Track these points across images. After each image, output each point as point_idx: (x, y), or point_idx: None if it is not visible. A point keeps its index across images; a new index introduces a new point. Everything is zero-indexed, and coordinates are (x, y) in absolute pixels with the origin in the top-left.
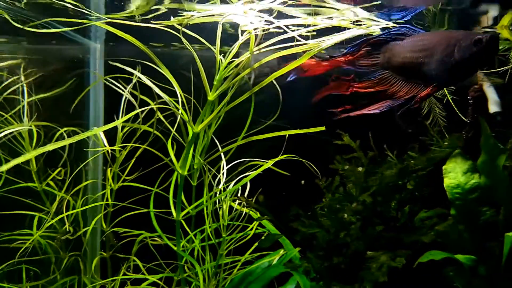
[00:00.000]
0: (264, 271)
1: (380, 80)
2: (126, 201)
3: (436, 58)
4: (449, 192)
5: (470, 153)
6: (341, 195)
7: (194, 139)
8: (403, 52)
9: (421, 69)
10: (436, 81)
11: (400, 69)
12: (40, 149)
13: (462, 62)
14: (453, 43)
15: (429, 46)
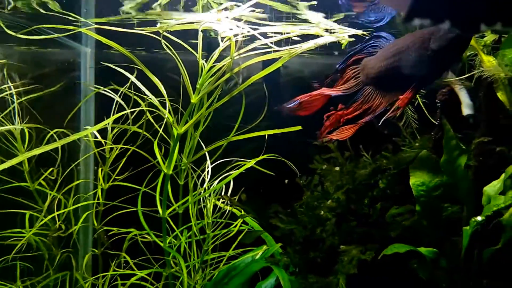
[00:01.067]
0: (247, 265)
1: (364, 98)
2: (117, 200)
3: (412, 58)
4: (415, 190)
5: (438, 153)
6: (319, 193)
7: (179, 140)
8: (378, 62)
9: (398, 73)
10: (414, 81)
11: (379, 81)
12: (34, 151)
13: (440, 51)
14: (427, 37)
15: (402, 48)
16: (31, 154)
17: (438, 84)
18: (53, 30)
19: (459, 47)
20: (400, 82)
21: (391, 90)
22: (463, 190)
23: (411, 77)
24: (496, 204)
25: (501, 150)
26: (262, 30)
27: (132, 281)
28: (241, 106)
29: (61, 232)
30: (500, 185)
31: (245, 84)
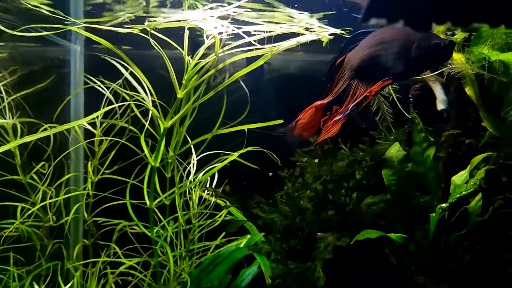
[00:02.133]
0: (230, 253)
1: (353, 92)
2: (106, 192)
3: (393, 51)
4: (386, 179)
5: (411, 145)
6: (299, 184)
7: (166, 135)
8: (361, 52)
9: (379, 62)
10: (391, 73)
11: (362, 71)
12: (22, 139)
13: (417, 60)
14: (412, 40)
15: (387, 39)
16: (19, 143)
17: (412, 80)
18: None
19: (434, 64)
20: (380, 72)
21: (373, 80)
22: (431, 179)
23: (388, 68)
24: (459, 192)
25: (470, 142)
26: (246, 29)
27: (121, 270)
28: (229, 103)
29: (52, 223)
30: (467, 175)
31: (229, 80)
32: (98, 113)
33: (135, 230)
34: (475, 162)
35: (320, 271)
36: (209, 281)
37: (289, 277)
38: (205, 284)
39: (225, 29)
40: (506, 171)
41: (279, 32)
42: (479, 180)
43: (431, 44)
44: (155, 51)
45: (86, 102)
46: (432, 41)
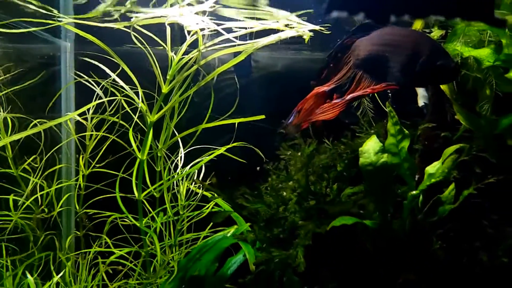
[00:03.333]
0: (216, 242)
1: (356, 83)
2: (97, 185)
3: (401, 58)
4: (363, 170)
5: None
6: (283, 176)
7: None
8: (369, 44)
9: (385, 62)
10: (395, 78)
11: (368, 63)
12: (14, 135)
13: (422, 76)
14: (421, 51)
15: (396, 43)
16: (12, 139)
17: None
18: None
19: (434, 83)
20: (385, 73)
21: (376, 77)
22: (405, 169)
23: (393, 74)
24: (429, 180)
25: (446, 135)
26: (227, 25)
27: (111, 260)
28: (220, 99)
29: (44, 214)
30: (440, 165)
31: (212, 74)
32: (85, 108)
33: (125, 222)
34: (447, 153)
35: (301, 257)
36: (197, 269)
37: (272, 264)
38: (193, 272)
39: (206, 25)
40: (479, 162)
41: (260, 28)
42: (447, 169)
43: (438, 65)
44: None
45: (77, 98)
46: (439, 62)
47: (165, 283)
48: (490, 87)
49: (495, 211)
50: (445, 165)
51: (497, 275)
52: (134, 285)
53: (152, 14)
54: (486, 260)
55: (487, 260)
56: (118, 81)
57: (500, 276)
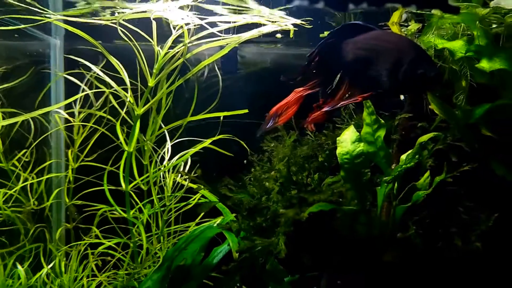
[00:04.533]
0: (201, 232)
1: (339, 86)
2: (86, 178)
3: (382, 65)
4: (340, 158)
5: None
6: (266, 167)
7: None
8: (354, 48)
9: (368, 67)
10: (376, 85)
11: (352, 67)
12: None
13: (403, 85)
14: (403, 59)
15: (381, 49)
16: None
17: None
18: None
19: (425, 86)
20: (368, 79)
21: (360, 83)
22: (381, 158)
23: (376, 81)
24: (400, 166)
25: (422, 125)
26: (212, 19)
27: (100, 250)
28: (210, 96)
29: (34, 207)
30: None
31: (196, 68)
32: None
33: (115, 215)
34: (421, 141)
35: (282, 245)
36: (183, 259)
37: (255, 251)
38: (179, 262)
39: (191, 20)
40: (455, 151)
41: (243, 22)
42: (417, 155)
43: (418, 73)
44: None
45: (67, 95)
46: (419, 70)
47: (152, 272)
48: (465, 78)
49: (470, 198)
50: (415, 151)
51: (471, 259)
52: (122, 275)
53: (137, 9)
54: (461, 245)
55: (461, 244)
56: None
57: (474, 260)
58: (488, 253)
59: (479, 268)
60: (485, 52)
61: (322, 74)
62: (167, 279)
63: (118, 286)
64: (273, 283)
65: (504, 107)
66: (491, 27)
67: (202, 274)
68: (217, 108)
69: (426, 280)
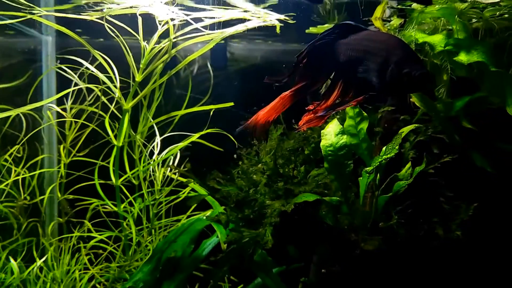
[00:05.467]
0: (191, 224)
1: (332, 87)
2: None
3: (372, 66)
4: (324, 150)
5: None
6: (254, 160)
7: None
8: (346, 49)
9: (359, 70)
10: (367, 86)
11: (345, 69)
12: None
13: (389, 86)
14: (390, 60)
15: (371, 50)
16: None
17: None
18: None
19: (409, 87)
20: (359, 82)
21: (352, 84)
22: (364, 149)
23: (366, 84)
24: (381, 157)
25: (405, 118)
26: (197, 15)
27: (92, 244)
28: (201, 92)
29: (27, 202)
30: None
31: (182, 64)
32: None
33: (106, 209)
34: (403, 134)
35: (269, 235)
36: (173, 251)
37: (242, 242)
38: (169, 254)
39: (176, 15)
40: (436, 143)
41: (227, 18)
42: (397, 145)
43: (403, 72)
44: (131, 41)
45: (58, 89)
46: (404, 69)
47: (142, 264)
48: (446, 72)
49: (450, 188)
50: (395, 142)
51: (452, 247)
52: (114, 268)
53: (124, 4)
54: (442, 233)
55: (442, 233)
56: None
57: (455, 248)
58: (468, 241)
59: (460, 255)
60: (464, 45)
61: (311, 76)
62: (158, 270)
63: (110, 279)
64: (261, 274)
65: (483, 99)
66: (472, 21)
67: (192, 266)
68: (210, 103)
69: (407, 268)
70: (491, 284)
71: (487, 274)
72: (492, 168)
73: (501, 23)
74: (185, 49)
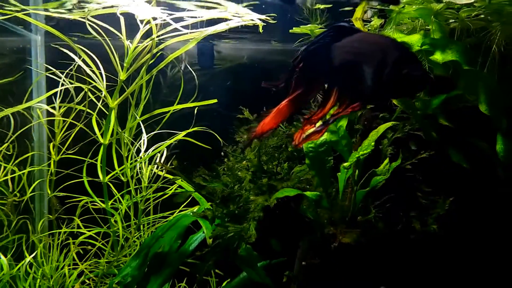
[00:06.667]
0: (178, 220)
1: (327, 95)
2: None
3: (368, 70)
4: (305, 147)
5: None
6: (239, 157)
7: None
8: (343, 53)
9: (351, 74)
10: (364, 91)
11: (340, 74)
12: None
13: (386, 88)
14: (387, 61)
15: (365, 51)
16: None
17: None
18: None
19: (409, 90)
20: (355, 87)
21: (349, 90)
22: (343, 146)
23: (362, 87)
24: (358, 153)
25: (384, 115)
26: (179, 14)
27: (81, 240)
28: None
29: (17, 199)
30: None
31: (166, 61)
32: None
33: (96, 206)
34: (380, 130)
35: (253, 230)
36: (160, 246)
37: (227, 237)
38: (156, 249)
39: (159, 15)
40: (414, 140)
41: (208, 17)
42: (373, 142)
43: (402, 74)
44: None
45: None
46: (403, 71)
47: (130, 259)
48: None
49: (428, 184)
50: (370, 138)
51: (428, 240)
52: (103, 264)
53: (105, 3)
54: (419, 227)
55: (419, 227)
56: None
57: (431, 241)
58: (444, 234)
59: (436, 247)
60: (439, 45)
61: (307, 83)
62: (145, 265)
63: (99, 274)
64: (246, 268)
65: (459, 97)
66: (449, 21)
67: (179, 260)
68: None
69: (385, 260)
70: (466, 275)
71: (463, 266)
72: (467, 163)
73: (478, 23)
74: (172, 49)
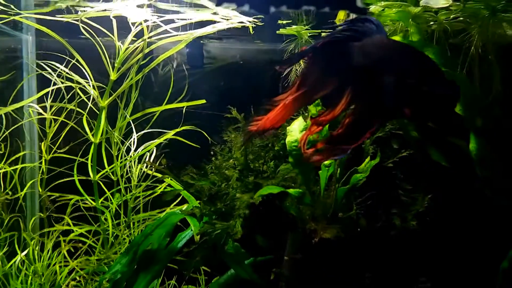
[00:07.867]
0: (166, 218)
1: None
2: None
3: (390, 82)
4: (289, 146)
5: None
6: (227, 155)
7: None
8: (362, 55)
9: (371, 80)
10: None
11: (354, 75)
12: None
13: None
14: (412, 78)
15: (389, 59)
16: None
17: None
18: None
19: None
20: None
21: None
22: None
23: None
24: None
25: None
26: (170, 17)
27: (71, 237)
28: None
29: (8, 197)
30: None
31: (156, 61)
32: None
33: (87, 204)
34: None
35: (239, 227)
36: (149, 244)
37: (214, 234)
38: (145, 247)
39: (150, 18)
40: (396, 139)
41: (198, 19)
42: None
43: (428, 92)
44: (110, 41)
45: (39, 89)
46: (430, 88)
47: (119, 257)
48: None
49: (408, 181)
50: None
51: (408, 236)
52: (93, 261)
53: (98, 7)
54: (399, 224)
55: (399, 224)
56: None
57: (411, 237)
58: (423, 230)
59: (415, 243)
60: (416, 46)
61: (317, 80)
62: (135, 262)
63: (89, 271)
64: (234, 265)
65: None
66: (430, 24)
67: (167, 257)
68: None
69: (366, 255)
70: (444, 270)
71: (441, 261)
72: (446, 162)
73: (458, 25)
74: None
